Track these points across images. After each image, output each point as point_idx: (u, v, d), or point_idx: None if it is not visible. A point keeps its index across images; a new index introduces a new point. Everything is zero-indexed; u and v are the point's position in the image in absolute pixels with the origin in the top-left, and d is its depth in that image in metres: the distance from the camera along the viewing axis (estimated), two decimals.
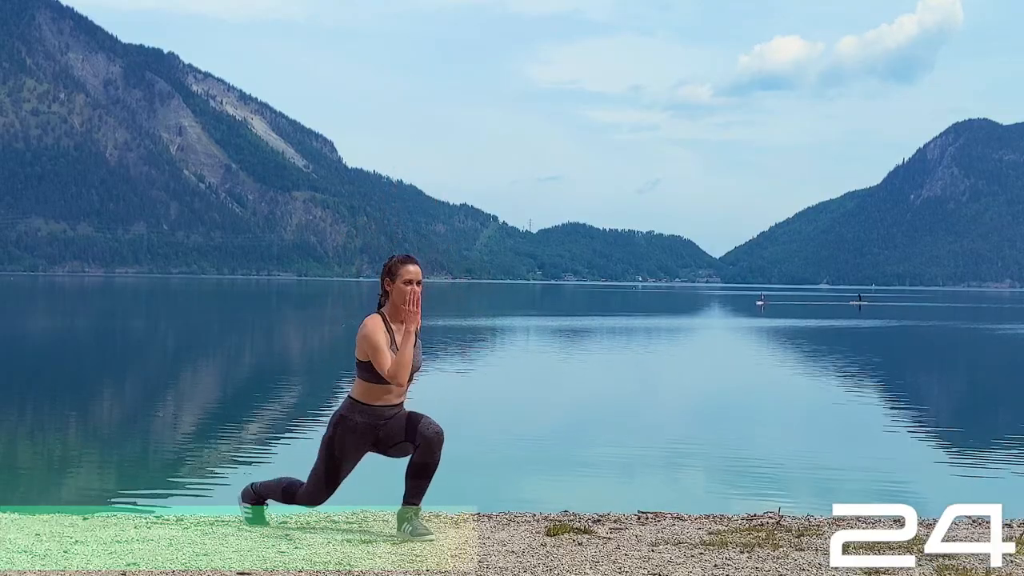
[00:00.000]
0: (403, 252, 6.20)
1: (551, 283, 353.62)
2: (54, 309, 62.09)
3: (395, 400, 6.01)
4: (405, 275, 5.95)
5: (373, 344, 5.85)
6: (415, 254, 6.31)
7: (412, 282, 5.94)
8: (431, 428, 5.94)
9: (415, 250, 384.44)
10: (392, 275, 5.99)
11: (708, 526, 6.59)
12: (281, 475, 6.41)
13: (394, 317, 5.99)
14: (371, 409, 5.98)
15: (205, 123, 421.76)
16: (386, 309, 6.02)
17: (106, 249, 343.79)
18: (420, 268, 6.03)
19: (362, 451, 6.09)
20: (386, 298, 6.03)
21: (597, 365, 27.89)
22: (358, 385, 6.00)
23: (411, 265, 6.00)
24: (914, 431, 16.26)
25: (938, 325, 57.11)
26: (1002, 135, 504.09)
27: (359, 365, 5.96)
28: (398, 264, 6.02)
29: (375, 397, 5.97)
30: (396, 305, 5.98)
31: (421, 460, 5.94)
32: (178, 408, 18.03)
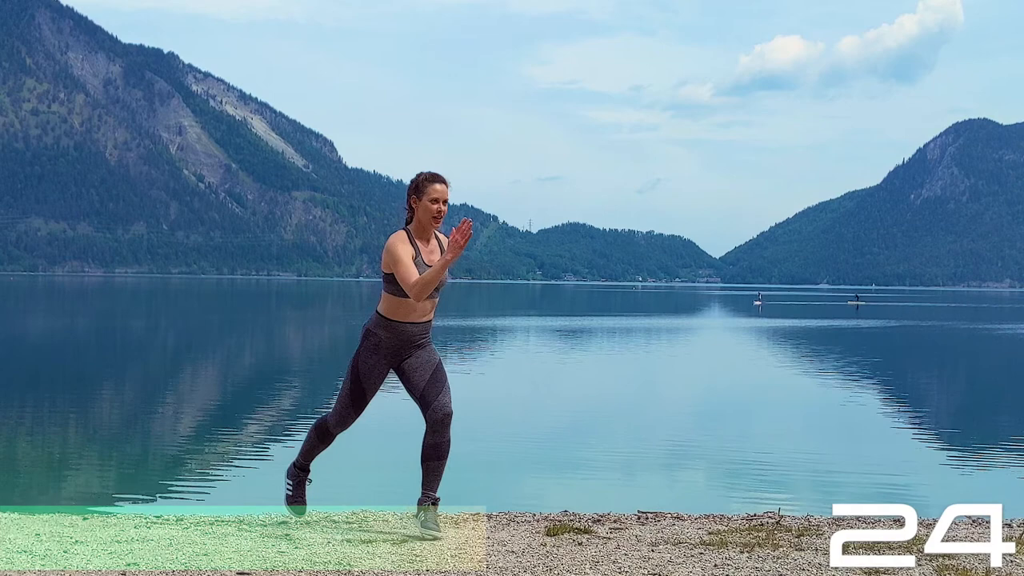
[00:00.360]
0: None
1: (551, 283, 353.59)
2: (54, 309, 62.09)
3: (420, 318, 5.93)
4: (432, 193, 5.87)
5: (395, 256, 5.75)
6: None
7: (439, 200, 5.87)
8: (441, 411, 5.88)
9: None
10: (419, 192, 5.90)
11: (708, 526, 6.59)
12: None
13: (419, 234, 5.92)
14: (396, 325, 5.91)
15: (205, 123, 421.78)
16: (412, 226, 5.94)
17: (106, 249, 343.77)
18: (448, 187, 5.93)
19: (385, 370, 6.01)
20: (412, 215, 5.95)
21: (597, 365, 27.90)
22: (384, 299, 5.93)
23: (439, 184, 5.91)
24: (914, 431, 16.27)
25: (936, 325, 57.11)
26: (1002, 135, 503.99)
27: (384, 278, 5.88)
28: (426, 182, 5.91)
29: (400, 313, 5.89)
30: (421, 223, 5.91)
31: (431, 440, 5.93)
32: (178, 408, 18.03)
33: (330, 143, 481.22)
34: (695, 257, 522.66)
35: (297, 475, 6.32)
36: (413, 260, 5.77)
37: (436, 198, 5.87)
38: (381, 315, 5.94)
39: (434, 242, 5.97)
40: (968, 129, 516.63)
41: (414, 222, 5.93)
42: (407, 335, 5.93)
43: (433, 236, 5.97)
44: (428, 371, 5.94)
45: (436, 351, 6.08)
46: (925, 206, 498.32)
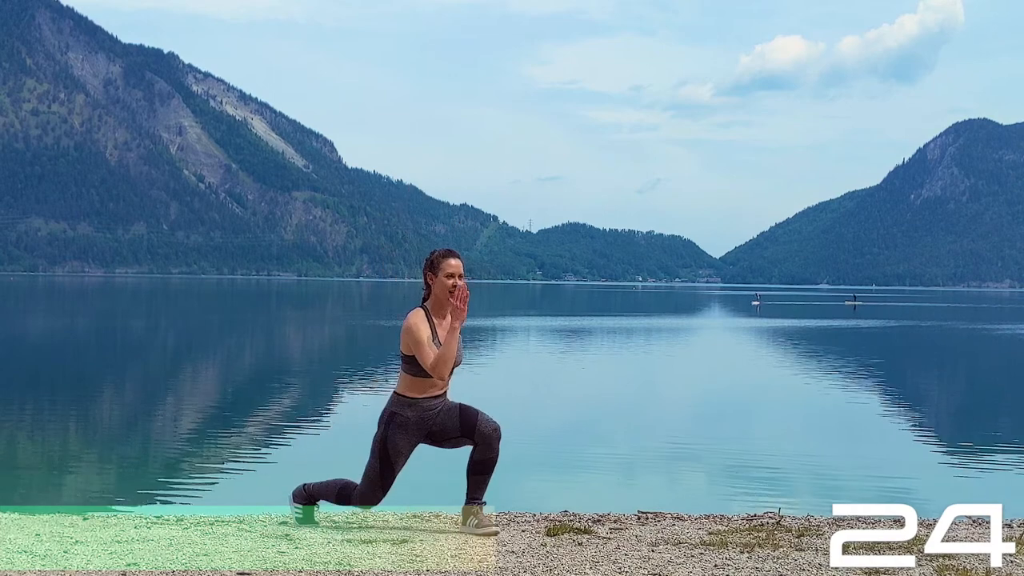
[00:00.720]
0: (403, 249, 6.26)
1: (551, 283, 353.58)
2: (54, 309, 62.10)
3: (438, 392, 6.08)
4: (447, 269, 6.03)
5: (416, 338, 5.91)
6: (415, 253, 6.38)
7: (454, 276, 6.02)
8: (489, 426, 6.05)
9: (414, 250, 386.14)
10: (434, 269, 6.06)
11: (708, 526, 6.60)
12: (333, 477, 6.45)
13: (436, 311, 6.06)
14: (418, 402, 6.05)
15: (205, 123, 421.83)
16: (429, 303, 6.07)
17: (106, 249, 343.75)
18: (462, 262, 6.10)
19: (414, 445, 6.16)
20: (428, 292, 6.09)
21: (597, 365, 27.89)
22: (403, 380, 6.08)
23: (453, 259, 6.07)
24: (914, 431, 16.27)
25: (934, 325, 57.11)
26: (1002, 135, 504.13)
27: (404, 359, 6.04)
28: (440, 258, 6.08)
29: (420, 390, 6.04)
30: (438, 299, 6.05)
31: (481, 457, 6.07)
32: (178, 408, 18.03)
33: (330, 143, 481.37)
34: (695, 257, 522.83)
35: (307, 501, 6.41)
36: (432, 341, 5.93)
37: (451, 273, 6.03)
38: (402, 395, 6.08)
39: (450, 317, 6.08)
40: (968, 129, 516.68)
41: (431, 298, 6.08)
42: (430, 408, 6.09)
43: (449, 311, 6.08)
44: (455, 415, 6.09)
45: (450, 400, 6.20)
46: (925, 206, 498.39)
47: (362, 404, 18.13)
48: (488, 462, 6.07)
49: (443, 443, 6.15)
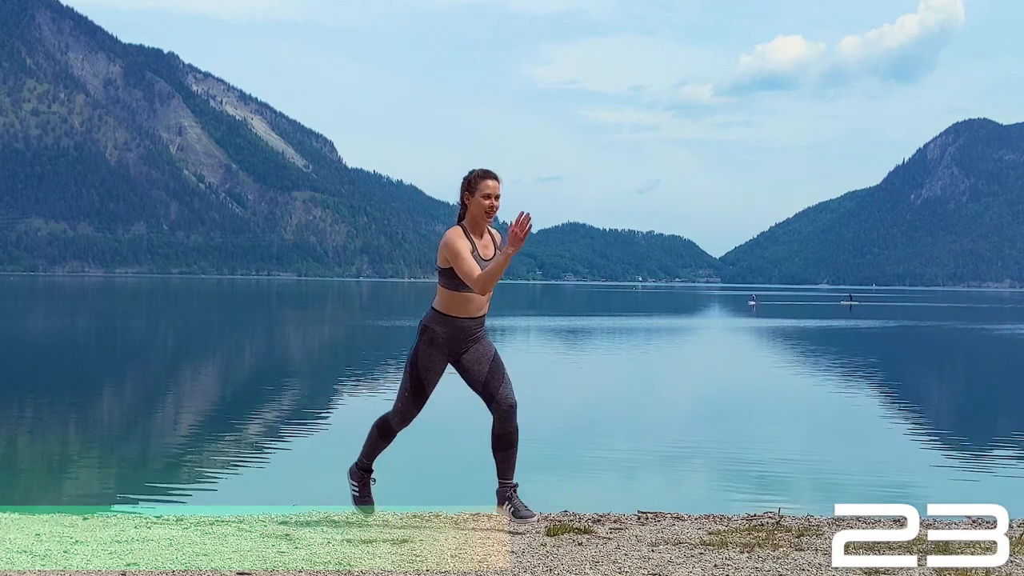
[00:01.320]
0: (403, 249, 6.30)
1: (551, 283, 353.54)
2: (54, 309, 62.10)
3: (476, 312, 6.08)
4: (484, 189, 6.03)
5: (453, 250, 5.92)
6: (415, 254, 6.41)
7: (491, 196, 6.02)
8: (506, 401, 6.06)
9: (414, 250, 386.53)
10: (472, 189, 6.05)
11: (708, 526, 6.59)
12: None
13: (473, 229, 6.06)
14: (453, 320, 6.05)
15: (205, 123, 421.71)
16: (466, 221, 6.08)
17: (106, 249, 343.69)
18: (500, 183, 6.09)
19: (443, 363, 6.14)
20: (464, 211, 6.09)
21: (596, 365, 27.89)
22: (439, 294, 6.08)
23: (491, 180, 6.06)
24: (914, 431, 16.26)
25: (931, 325, 57.09)
26: (1002, 135, 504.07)
27: (440, 272, 6.03)
28: (478, 178, 6.07)
29: (456, 308, 6.04)
30: (475, 218, 6.05)
31: (500, 431, 6.09)
32: (178, 408, 18.03)
33: (330, 143, 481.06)
34: (695, 257, 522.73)
35: (361, 476, 6.38)
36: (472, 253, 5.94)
37: (488, 193, 6.03)
38: (437, 311, 6.09)
39: (487, 237, 6.13)
40: (968, 129, 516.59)
41: (467, 218, 6.07)
42: (464, 329, 6.07)
43: (486, 231, 6.13)
44: (487, 363, 6.10)
45: (491, 343, 6.21)
46: (925, 206, 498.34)
47: (362, 404, 18.14)
48: (508, 435, 6.09)
49: (464, 377, 6.14)
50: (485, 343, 6.15)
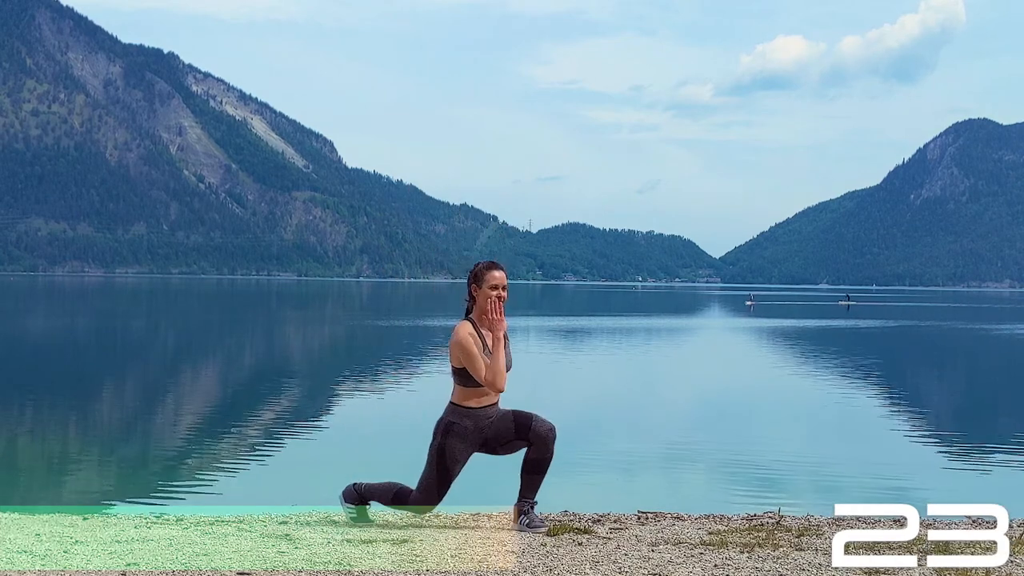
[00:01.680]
0: (403, 250, 6.38)
1: (551, 283, 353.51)
2: (54, 309, 62.09)
3: (493, 400, 6.27)
4: (491, 281, 6.20)
5: (467, 353, 6.09)
6: (415, 254, 6.48)
7: (498, 287, 6.18)
8: (544, 426, 6.31)
9: (414, 250, 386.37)
10: (479, 281, 6.22)
11: (708, 526, 6.59)
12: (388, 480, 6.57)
13: (482, 322, 6.23)
14: (475, 412, 6.22)
15: (205, 123, 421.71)
16: (474, 315, 6.26)
17: (106, 249, 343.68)
18: (505, 274, 6.28)
19: (470, 453, 6.31)
20: (473, 303, 6.26)
21: (596, 365, 27.89)
22: (458, 391, 6.23)
23: (496, 271, 6.24)
24: (914, 431, 16.26)
25: (930, 326, 57.08)
26: (1002, 135, 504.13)
27: (455, 372, 6.21)
28: (484, 270, 6.24)
29: (476, 400, 6.22)
30: (483, 310, 6.21)
31: (537, 456, 6.31)
32: (178, 408, 18.03)
33: (330, 143, 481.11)
34: (695, 257, 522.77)
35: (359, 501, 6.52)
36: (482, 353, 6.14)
37: (495, 285, 6.21)
38: (460, 406, 6.23)
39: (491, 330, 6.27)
40: (968, 129, 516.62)
41: (476, 310, 6.25)
42: (487, 417, 6.27)
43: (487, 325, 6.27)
44: (508, 419, 6.32)
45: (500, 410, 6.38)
46: (925, 206, 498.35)
47: (362, 404, 18.15)
48: (543, 461, 6.31)
49: (498, 449, 6.32)
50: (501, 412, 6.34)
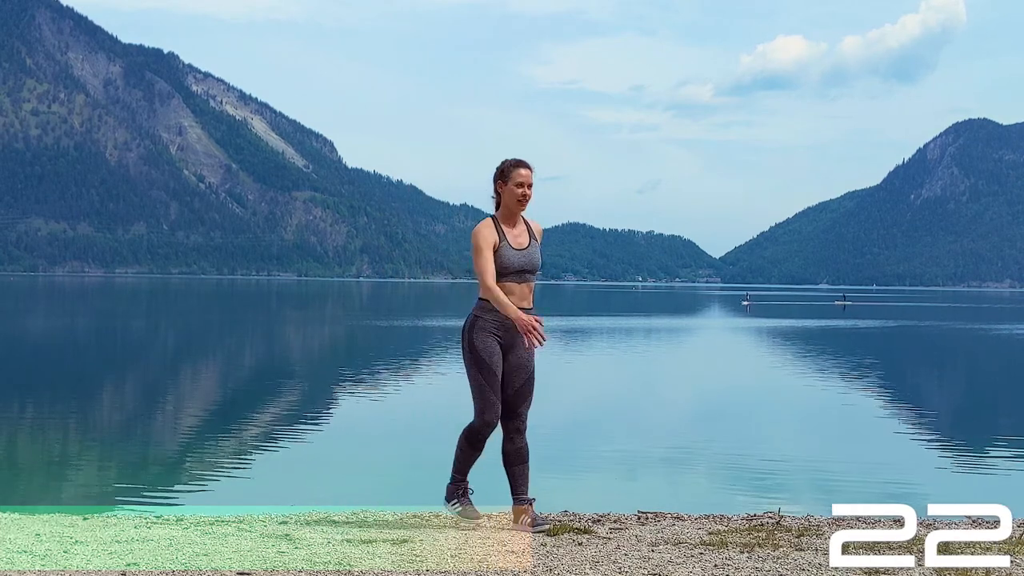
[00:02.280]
0: (403, 249, 6.33)
1: (551, 283, 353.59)
2: (54, 309, 62.09)
3: (519, 304, 6.05)
4: (517, 178, 6.10)
5: (475, 245, 6.02)
6: (415, 254, 6.45)
7: (524, 184, 6.09)
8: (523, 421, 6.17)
9: (414, 250, 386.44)
10: (505, 177, 6.13)
11: (708, 526, 6.59)
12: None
13: (506, 219, 6.13)
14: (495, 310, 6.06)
15: (205, 123, 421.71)
16: (499, 212, 6.15)
17: (106, 249, 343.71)
18: (532, 171, 6.17)
19: (498, 348, 6.12)
20: (499, 201, 6.16)
21: (596, 365, 27.89)
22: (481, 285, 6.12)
23: (523, 168, 6.14)
24: (913, 431, 16.26)
25: (929, 326, 57.07)
26: (1002, 135, 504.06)
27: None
28: (511, 167, 6.14)
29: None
30: (508, 207, 6.12)
31: (510, 447, 6.19)
32: (178, 408, 18.03)
33: (330, 143, 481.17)
34: (695, 257, 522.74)
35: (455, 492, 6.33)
36: (497, 245, 6.01)
37: (521, 182, 6.10)
38: (485, 300, 6.09)
39: (521, 225, 6.17)
40: (968, 129, 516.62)
41: (501, 207, 6.15)
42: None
43: (520, 220, 6.18)
44: (523, 378, 6.15)
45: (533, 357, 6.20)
46: (925, 206, 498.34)
47: (362, 404, 18.14)
48: (520, 451, 6.17)
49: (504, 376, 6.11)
50: (529, 355, 6.15)
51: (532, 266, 6.09)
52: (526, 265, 6.08)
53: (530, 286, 6.13)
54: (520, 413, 6.14)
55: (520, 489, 6.17)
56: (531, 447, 6.39)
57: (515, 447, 6.17)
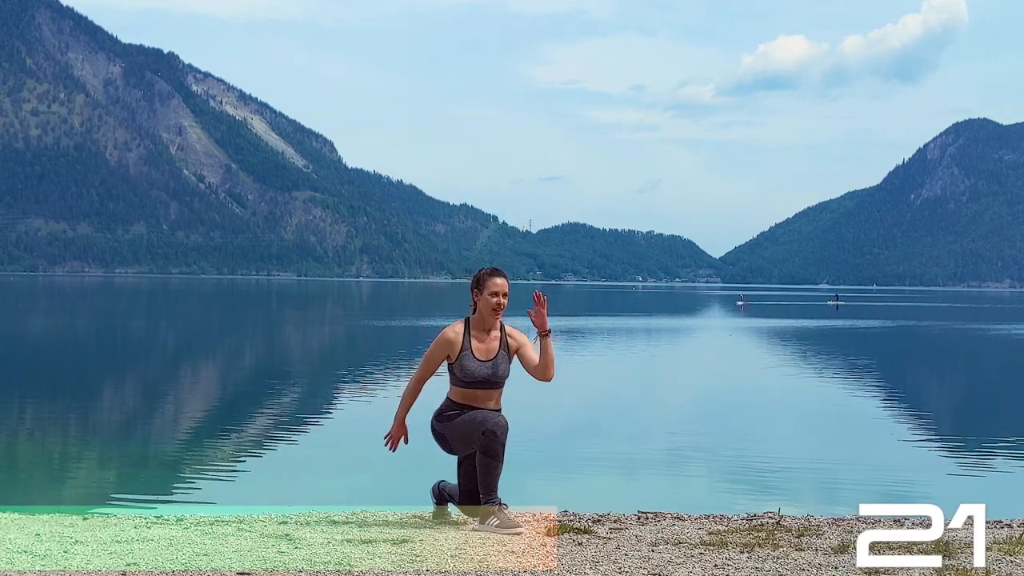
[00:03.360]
0: (403, 249, 6.41)
1: (551, 283, 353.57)
2: (54, 309, 62.09)
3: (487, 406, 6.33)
4: (492, 287, 6.34)
5: (433, 343, 6.31)
6: (415, 254, 6.52)
7: (498, 294, 6.32)
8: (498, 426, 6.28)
9: (414, 250, 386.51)
10: (480, 286, 6.37)
11: (708, 526, 6.59)
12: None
13: (479, 325, 6.35)
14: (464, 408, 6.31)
15: (205, 123, 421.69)
16: (474, 318, 6.39)
17: (106, 249, 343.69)
18: (507, 281, 6.44)
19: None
20: (475, 307, 6.40)
21: (596, 365, 27.89)
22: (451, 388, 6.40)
23: (498, 278, 6.40)
24: (913, 431, 16.27)
25: (914, 326, 57.07)
26: (1002, 135, 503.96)
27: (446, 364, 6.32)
28: (486, 276, 6.39)
29: (461, 398, 6.31)
30: (482, 315, 6.35)
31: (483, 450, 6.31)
32: (178, 408, 18.03)
33: (330, 143, 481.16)
34: (695, 257, 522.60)
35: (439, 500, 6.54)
36: (461, 350, 6.23)
37: (495, 291, 6.35)
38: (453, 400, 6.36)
39: (495, 333, 6.40)
40: (968, 129, 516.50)
41: (476, 314, 6.38)
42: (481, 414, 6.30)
43: (497, 327, 6.42)
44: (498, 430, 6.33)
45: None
46: (925, 206, 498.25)
47: (362, 404, 18.14)
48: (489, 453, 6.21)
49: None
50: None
51: (496, 378, 6.29)
52: (490, 377, 6.29)
53: (499, 391, 6.38)
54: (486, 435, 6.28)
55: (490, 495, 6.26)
56: (533, 448, 6.41)
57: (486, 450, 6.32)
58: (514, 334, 6.44)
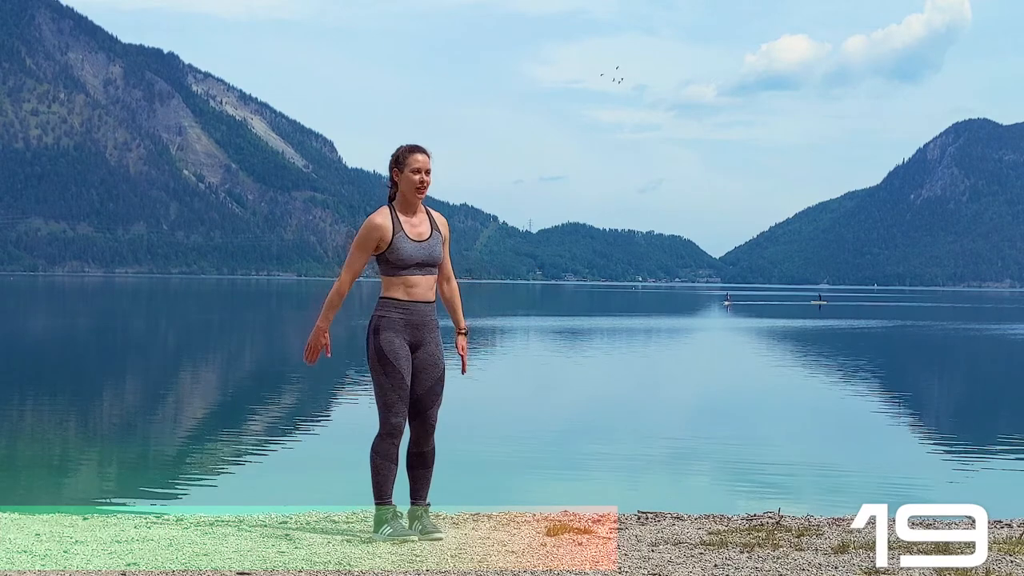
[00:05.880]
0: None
1: (551, 283, 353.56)
2: (54, 309, 62.08)
3: (423, 297, 5.85)
4: (414, 163, 5.82)
5: (358, 235, 5.87)
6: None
7: (421, 171, 5.81)
8: (430, 421, 5.91)
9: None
10: (400, 164, 5.86)
11: (708, 526, 6.59)
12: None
13: (404, 208, 5.87)
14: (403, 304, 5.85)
15: (205, 123, 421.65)
16: (396, 202, 5.91)
17: (106, 249, 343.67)
18: (429, 157, 5.87)
19: (406, 348, 5.88)
20: (395, 190, 5.92)
21: (596, 365, 27.89)
22: (383, 281, 5.91)
23: (420, 154, 5.86)
24: (913, 430, 16.27)
25: (895, 326, 57.09)
26: (1002, 135, 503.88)
27: (376, 259, 5.87)
28: (406, 153, 5.87)
29: (397, 290, 5.85)
30: (405, 196, 5.87)
31: (419, 449, 5.94)
32: (178, 408, 18.03)
33: (330, 143, 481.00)
34: (695, 257, 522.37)
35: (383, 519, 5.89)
36: (393, 234, 5.77)
37: (418, 168, 5.82)
38: (387, 297, 5.92)
39: (422, 215, 5.91)
40: (968, 129, 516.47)
41: (398, 197, 5.90)
42: (416, 314, 5.87)
43: (421, 210, 5.92)
44: (433, 379, 5.90)
45: (443, 357, 5.98)
46: (925, 206, 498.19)
47: (362, 404, 18.13)
48: (425, 456, 5.93)
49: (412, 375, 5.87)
50: (439, 353, 5.91)
51: (432, 259, 5.81)
52: (427, 258, 5.80)
53: (432, 279, 5.86)
54: (430, 415, 5.87)
55: (420, 493, 5.91)
56: (533, 448, 6.36)
57: (420, 451, 5.90)
58: (439, 217, 5.95)
